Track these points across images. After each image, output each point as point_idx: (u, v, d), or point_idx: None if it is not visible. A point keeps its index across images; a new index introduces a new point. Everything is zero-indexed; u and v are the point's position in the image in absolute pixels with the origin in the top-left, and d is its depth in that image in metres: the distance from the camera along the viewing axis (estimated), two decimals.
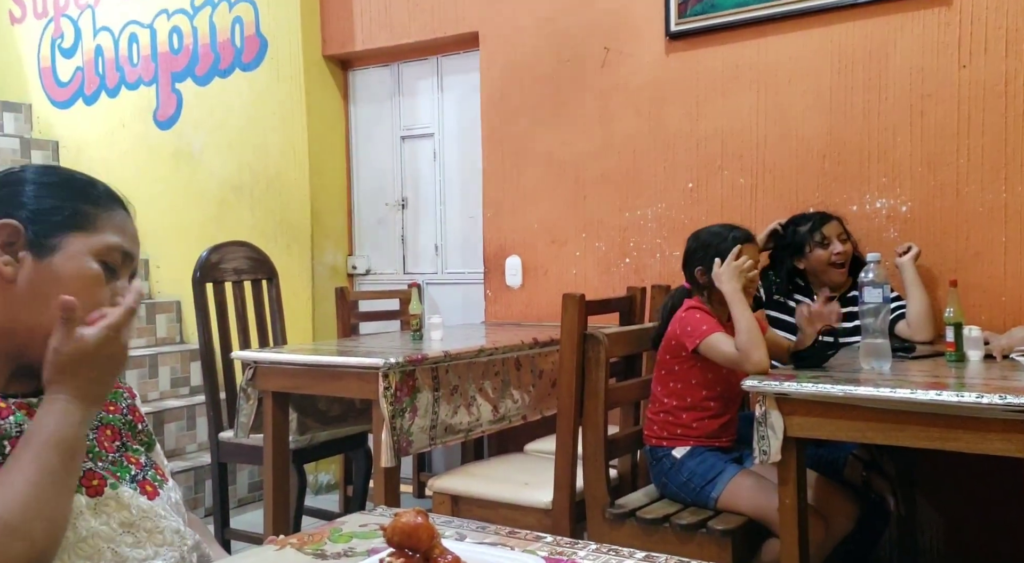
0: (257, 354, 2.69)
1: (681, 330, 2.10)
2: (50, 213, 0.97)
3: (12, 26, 4.58)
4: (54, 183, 1.00)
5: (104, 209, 1.00)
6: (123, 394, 1.11)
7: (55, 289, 0.94)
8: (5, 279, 0.94)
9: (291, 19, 3.74)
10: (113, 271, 0.99)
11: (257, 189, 3.90)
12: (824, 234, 2.55)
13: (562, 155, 3.33)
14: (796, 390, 1.75)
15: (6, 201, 0.97)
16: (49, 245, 0.95)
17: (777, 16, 2.83)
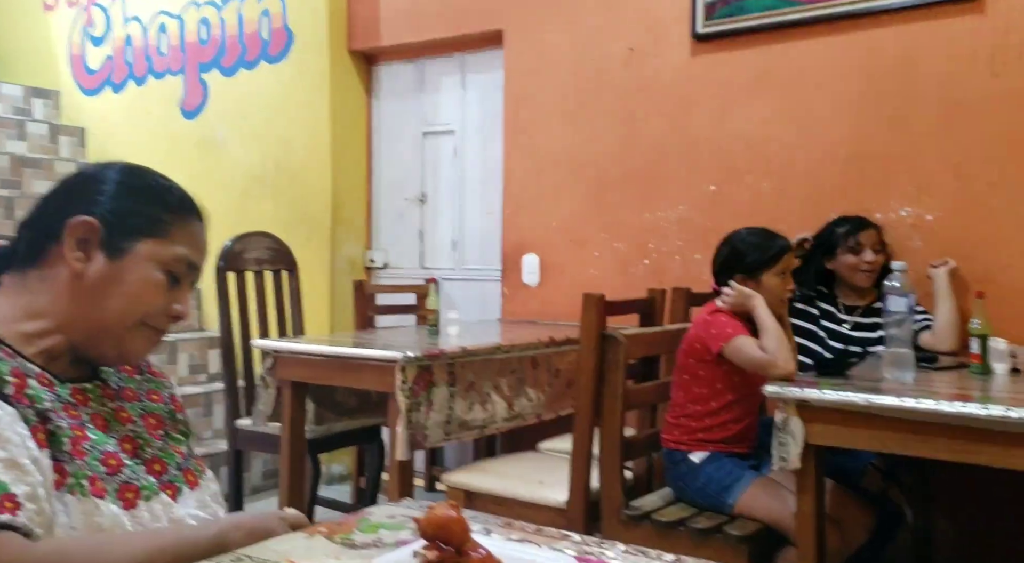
0: (278, 343, 2.72)
1: (706, 333, 2.09)
2: (127, 216, 0.99)
3: (44, 13, 4.63)
4: (135, 186, 1.02)
5: (179, 218, 1.02)
6: (164, 383, 1.13)
7: (117, 288, 0.97)
8: (75, 273, 0.97)
9: (318, 13, 3.75)
10: (176, 280, 1.02)
11: (279, 180, 3.92)
12: (859, 240, 2.53)
13: (583, 155, 3.32)
14: (818, 397, 1.74)
15: (87, 197, 1.00)
16: (121, 247, 0.98)
17: (805, 21, 2.82)
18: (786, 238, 2.19)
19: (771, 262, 2.11)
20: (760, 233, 2.19)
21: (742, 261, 2.13)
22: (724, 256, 2.19)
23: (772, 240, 2.15)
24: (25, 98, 4.44)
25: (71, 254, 0.97)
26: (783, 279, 2.15)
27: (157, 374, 1.14)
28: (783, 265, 2.13)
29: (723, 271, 2.18)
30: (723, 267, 2.18)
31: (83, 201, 0.99)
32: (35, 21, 4.67)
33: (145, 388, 1.09)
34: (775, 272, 2.12)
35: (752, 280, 2.12)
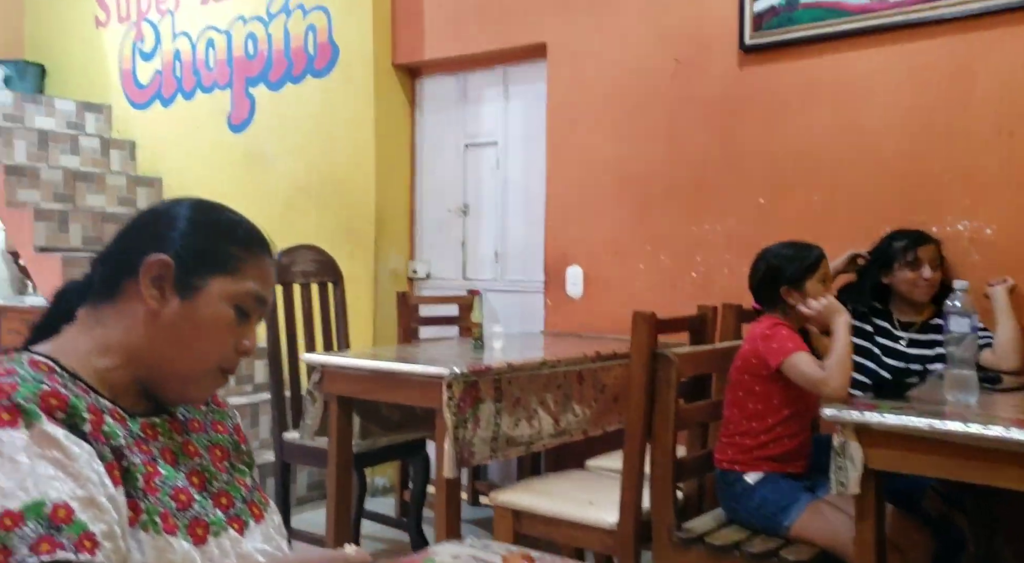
0: (326, 358, 2.74)
1: (765, 347, 2.07)
2: (199, 254, 1.00)
3: (97, 30, 4.74)
4: (206, 222, 1.03)
5: (250, 254, 1.02)
6: (228, 413, 1.14)
7: (191, 328, 0.98)
8: (150, 311, 0.98)
9: (363, 28, 3.79)
10: (246, 315, 1.02)
11: (324, 192, 3.96)
12: (917, 255, 2.47)
13: (628, 166, 3.30)
14: (878, 421, 1.69)
15: (161, 235, 1.01)
16: (193, 285, 0.99)
17: (856, 31, 2.76)
18: (818, 246, 2.21)
19: (812, 269, 2.13)
20: (792, 245, 2.21)
21: (783, 273, 2.14)
22: (762, 272, 2.20)
23: (807, 249, 2.18)
24: (78, 113, 4.55)
25: (147, 292, 0.97)
26: (825, 286, 2.16)
27: (222, 404, 1.14)
28: (823, 271, 2.15)
29: (764, 287, 2.19)
30: (763, 283, 2.19)
31: (156, 238, 1.00)
32: (87, 37, 4.78)
33: (210, 419, 1.10)
34: (817, 279, 2.14)
35: (796, 290, 2.13)
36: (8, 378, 0.86)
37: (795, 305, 2.12)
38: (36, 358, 0.93)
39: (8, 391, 0.84)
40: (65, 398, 0.87)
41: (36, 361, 0.93)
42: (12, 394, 0.84)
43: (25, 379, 0.87)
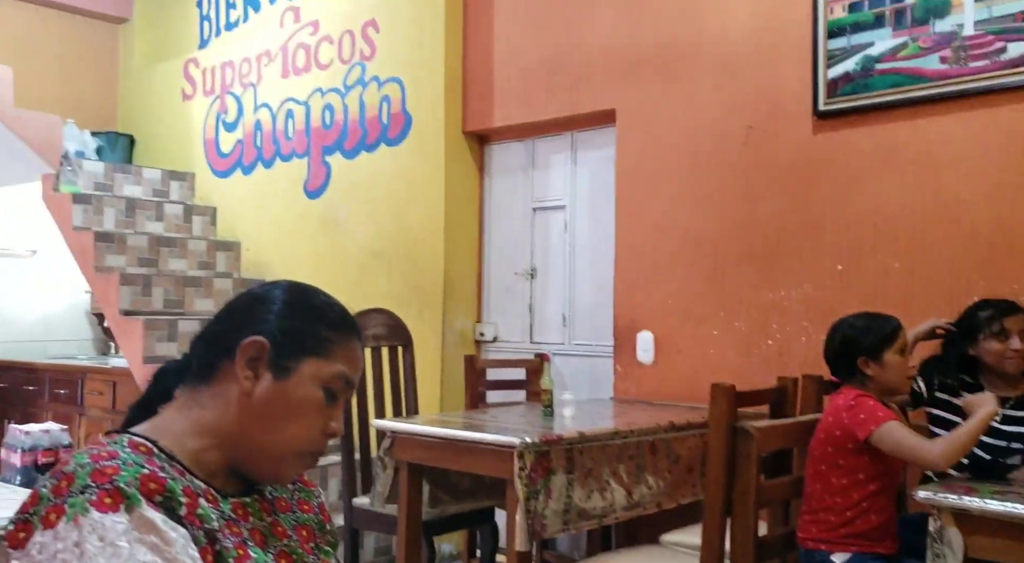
0: (396, 424, 2.74)
1: (851, 419, 2.04)
2: (293, 336, 1.02)
3: (183, 102, 5.01)
4: (300, 305, 1.05)
5: (340, 336, 1.04)
6: (314, 492, 1.15)
7: (282, 410, 1.00)
8: (244, 392, 1.00)
9: (435, 98, 3.90)
10: (334, 397, 1.04)
11: (395, 256, 4.03)
12: (1004, 326, 2.36)
13: (700, 231, 3.27)
14: (979, 507, 1.61)
15: (257, 317, 1.04)
16: (287, 367, 1.01)
17: (935, 97, 2.72)
18: (895, 317, 2.20)
19: (890, 340, 2.12)
20: (867, 316, 2.20)
21: (860, 344, 2.13)
22: (837, 344, 2.19)
23: (884, 319, 2.17)
24: (163, 180, 4.77)
25: (242, 373, 1.00)
26: (904, 357, 2.15)
27: (308, 483, 1.15)
28: (902, 342, 2.14)
29: (841, 358, 2.17)
30: (840, 355, 2.18)
31: (253, 320, 1.03)
32: (174, 109, 5.05)
33: (296, 498, 1.11)
34: (895, 349, 2.12)
35: (875, 361, 2.11)
36: (111, 461, 0.89)
37: (873, 376, 2.10)
38: (136, 439, 0.96)
39: (110, 475, 0.87)
40: (163, 481, 0.89)
41: (136, 443, 0.95)
42: (115, 478, 0.86)
43: (126, 462, 0.89)
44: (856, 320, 2.19)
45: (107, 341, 4.98)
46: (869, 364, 2.11)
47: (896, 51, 2.77)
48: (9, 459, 2.89)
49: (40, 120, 4.27)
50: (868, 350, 2.11)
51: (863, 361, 2.11)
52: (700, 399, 3.18)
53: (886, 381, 2.12)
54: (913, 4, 2.74)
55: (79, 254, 4.15)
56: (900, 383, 2.16)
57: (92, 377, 4.31)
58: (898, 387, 2.18)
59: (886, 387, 2.13)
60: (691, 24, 3.30)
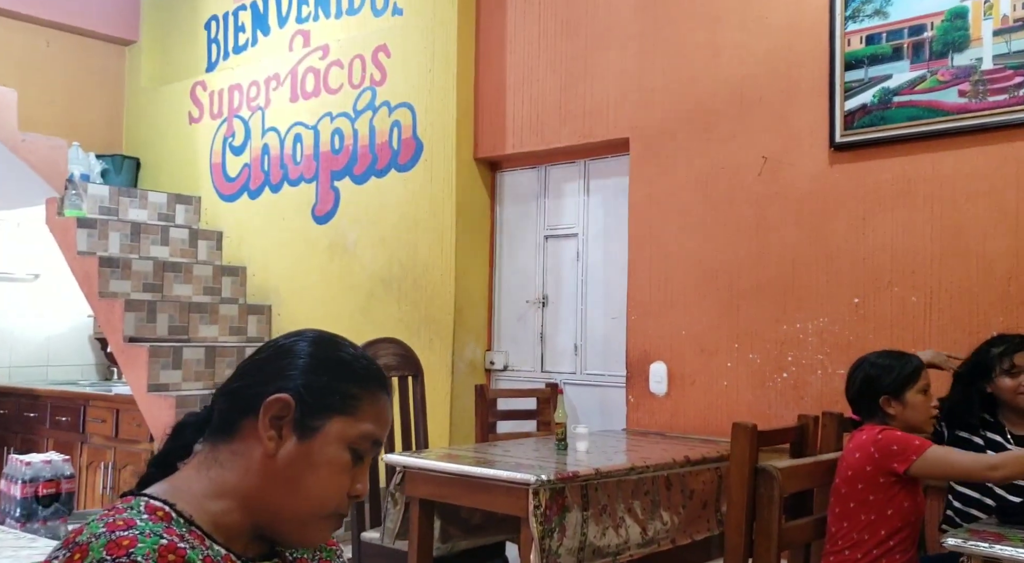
0: (408, 459, 2.69)
1: (883, 452, 2.02)
2: (319, 393, 0.97)
3: (190, 125, 4.99)
4: (326, 359, 1.01)
5: (368, 393, 1.00)
6: (336, 552, 1.11)
7: (307, 473, 0.95)
8: (267, 453, 0.95)
9: (447, 124, 3.88)
10: (360, 458, 0.99)
11: (404, 283, 4.00)
12: (1015, 362, 2.34)
13: (714, 262, 3.25)
14: (1011, 555, 1.57)
15: (281, 372, 0.99)
16: (312, 426, 0.96)
17: (953, 131, 2.70)
18: (917, 356, 2.21)
19: (912, 379, 2.12)
20: (889, 354, 2.20)
21: (881, 383, 2.13)
22: (859, 382, 2.18)
23: (905, 358, 2.18)
24: (169, 204, 4.74)
25: (265, 433, 0.95)
26: (927, 395, 2.14)
27: (331, 543, 1.11)
28: (924, 381, 2.14)
29: (863, 397, 2.17)
30: (862, 393, 2.17)
31: (277, 375, 0.98)
32: (181, 132, 5.03)
33: (317, 558, 1.08)
34: (918, 389, 2.12)
35: (897, 401, 2.11)
36: (127, 532, 0.85)
37: (896, 416, 2.10)
38: (154, 503, 0.92)
39: (127, 547, 0.83)
40: (183, 553, 0.85)
41: (154, 507, 0.91)
42: (132, 550, 0.83)
43: (144, 533, 0.85)
44: (878, 359, 2.18)
45: (110, 366, 4.93)
46: (891, 403, 2.11)
47: (914, 84, 2.76)
48: (9, 491, 2.83)
49: (45, 143, 4.24)
50: (890, 389, 2.11)
51: (885, 400, 2.12)
52: (714, 432, 3.15)
53: (908, 420, 2.12)
54: (931, 38, 2.73)
55: (83, 279, 4.10)
56: (923, 422, 2.15)
57: (94, 404, 4.25)
58: (921, 426, 2.15)
59: (908, 426, 2.11)
60: (707, 54, 3.29)
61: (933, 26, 2.73)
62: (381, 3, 4.22)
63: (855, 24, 2.87)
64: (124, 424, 4.09)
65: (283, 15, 4.66)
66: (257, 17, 4.79)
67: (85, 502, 4.11)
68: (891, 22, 2.80)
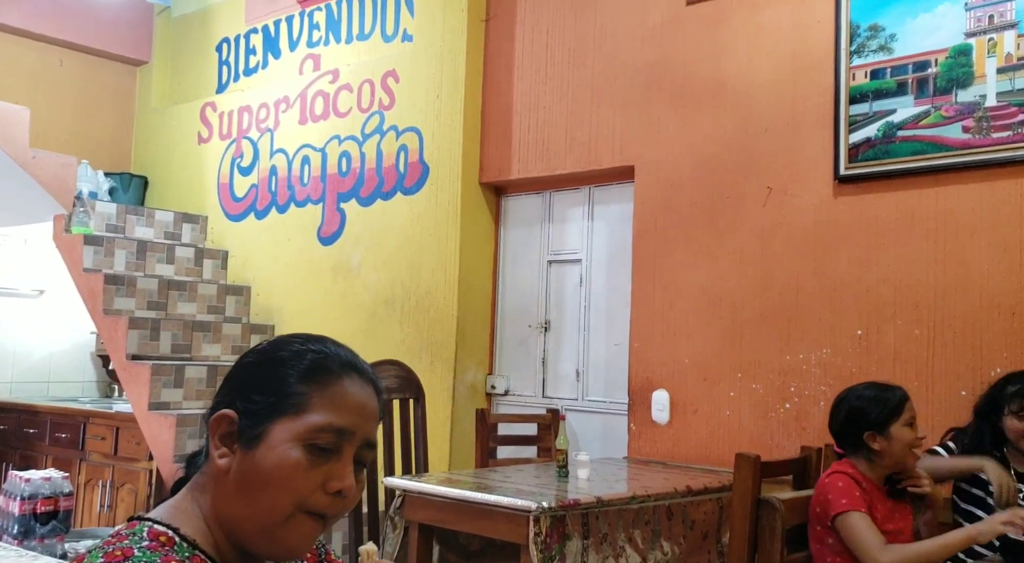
0: (407, 483, 2.69)
1: (825, 497, 2.04)
2: (257, 401, 0.94)
3: (199, 145, 5.03)
4: (264, 362, 0.97)
5: (317, 386, 0.93)
6: None
7: (256, 481, 0.91)
8: (222, 470, 0.93)
9: (453, 149, 3.91)
10: (326, 451, 0.92)
11: (407, 305, 4.01)
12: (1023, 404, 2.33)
13: (717, 290, 3.25)
14: None
15: (227, 387, 0.97)
16: (255, 435, 0.92)
17: (958, 166, 2.72)
18: (901, 387, 2.16)
19: (896, 413, 2.08)
20: (875, 386, 2.16)
21: (867, 418, 2.10)
22: (843, 416, 2.15)
23: (890, 391, 2.13)
24: (175, 223, 4.76)
25: (215, 452, 0.94)
26: (913, 428, 2.10)
27: (333, 561, 1.11)
28: (909, 414, 2.10)
29: (847, 432, 2.14)
30: (846, 428, 2.14)
31: (225, 391, 0.98)
32: (189, 152, 5.07)
33: None
34: (903, 422, 2.08)
35: (881, 436, 2.08)
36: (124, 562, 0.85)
37: (880, 451, 2.07)
38: (157, 528, 0.92)
39: None
40: None
41: (157, 532, 0.91)
42: None
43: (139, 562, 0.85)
44: (863, 390, 2.15)
45: (111, 384, 4.93)
46: (876, 438, 2.07)
47: (919, 119, 2.78)
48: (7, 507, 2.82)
49: (55, 160, 4.27)
50: (874, 424, 2.07)
51: (870, 436, 2.07)
52: (716, 461, 3.14)
53: (893, 455, 2.08)
54: (936, 74, 2.76)
55: (88, 296, 4.12)
56: (907, 456, 2.10)
57: (95, 421, 4.24)
58: (905, 460, 2.12)
59: (894, 460, 2.08)
60: (713, 85, 3.32)
61: (937, 62, 2.76)
62: (391, 29, 4.27)
63: (860, 59, 2.91)
64: (123, 442, 4.08)
65: (294, 39, 4.72)
66: (268, 40, 4.85)
67: (83, 520, 4.09)
68: (895, 58, 2.84)
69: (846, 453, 2.13)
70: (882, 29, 2.87)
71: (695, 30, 3.38)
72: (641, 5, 3.54)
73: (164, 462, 3.72)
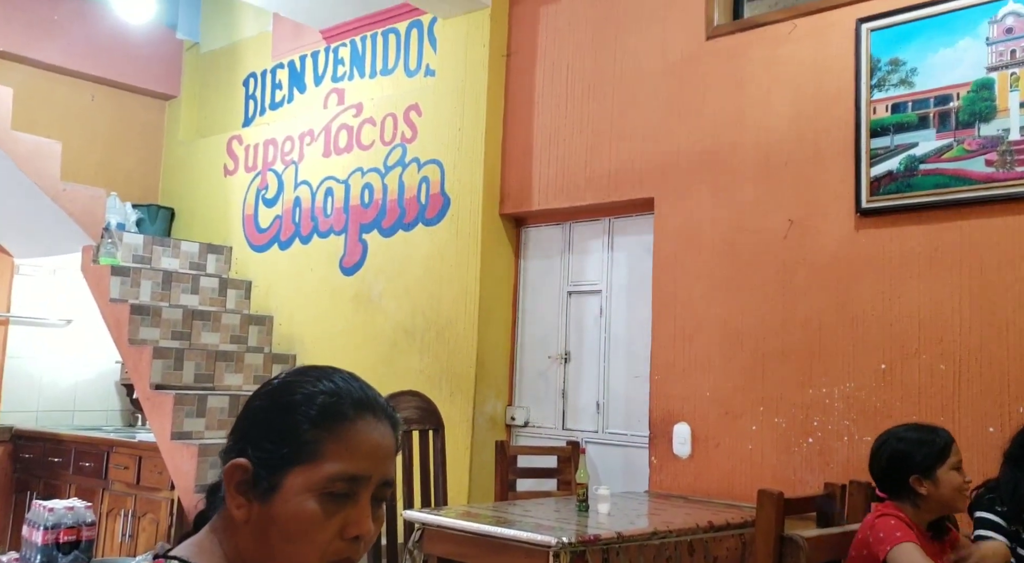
0: (426, 516, 2.68)
1: (874, 537, 1.98)
2: (270, 449, 0.92)
3: (225, 178, 5.11)
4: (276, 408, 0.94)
5: (329, 431, 0.91)
6: None
7: (276, 534, 0.90)
8: (240, 521, 0.92)
9: (474, 181, 3.95)
10: (344, 497, 0.91)
11: (428, 335, 4.02)
12: None
13: (739, 323, 3.24)
14: None
15: (239, 432, 0.96)
16: (270, 486, 0.91)
17: (983, 199, 2.70)
18: (945, 429, 2.10)
19: (942, 456, 2.03)
20: (917, 428, 2.11)
21: (911, 461, 2.04)
22: (886, 459, 2.09)
23: (934, 433, 2.07)
24: (200, 254, 4.83)
25: (232, 502, 0.92)
26: (960, 472, 2.05)
27: None
28: (956, 456, 2.04)
29: (891, 476, 2.07)
30: (889, 472, 2.08)
31: (238, 436, 0.95)
32: (216, 184, 5.15)
33: None
34: (950, 465, 2.03)
35: (928, 480, 2.02)
36: None
37: (927, 495, 2.01)
38: None
39: None
40: None
41: None
42: None
43: None
44: (906, 433, 2.09)
45: (134, 412, 4.97)
46: (922, 483, 2.02)
47: (941, 152, 2.78)
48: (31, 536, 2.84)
49: (85, 193, 4.36)
50: (920, 468, 2.02)
51: (916, 479, 2.02)
52: (738, 496, 3.10)
53: (941, 499, 2.03)
54: (958, 108, 2.76)
55: (114, 326, 4.17)
56: (955, 500, 2.05)
57: (118, 451, 4.27)
58: (953, 505, 2.07)
59: (941, 505, 2.03)
60: (733, 118, 3.34)
61: (959, 96, 2.76)
62: (415, 64, 4.35)
63: (881, 93, 2.91)
64: (146, 471, 4.11)
65: (319, 74, 4.81)
66: (294, 75, 4.95)
67: (104, 550, 4.11)
68: (917, 91, 2.84)
69: (890, 497, 2.08)
70: (903, 63, 2.88)
71: (715, 64, 3.41)
72: (661, 40, 3.57)
73: (186, 492, 3.74)
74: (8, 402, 4.71)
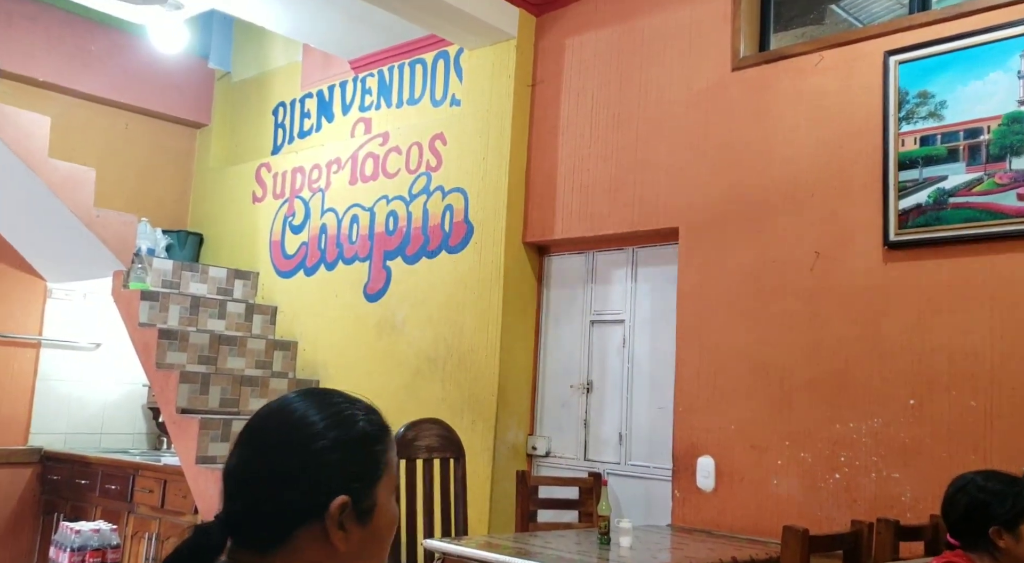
0: (447, 545, 2.66)
1: None
2: (362, 477, 1.00)
3: (253, 204, 5.19)
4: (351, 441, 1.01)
5: (385, 443, 1.04)
6: None
7: (377, 545, 1.01)
8: (340, 552, 0.98)
9: (498, 209, 3.97)
10: None
11: (450, 363, 4.02)
12: None
13: (764, 356, 3.20)
14: None
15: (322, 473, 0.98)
16: (368, 507, 1.00)
17: (1015, 234, 2.66)
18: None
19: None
20: (998, 477, 2.00)
21: (992, 511, 1.93)
22: (964, 508, 1.98)
23: (1017, 485, 1.96)
24: (228, 279, 4.88)
25: (336, 538, 0.97)
26: None
27: None
28: None
29: (969, 525, 1.96)
30: (968, 521, 1.97)
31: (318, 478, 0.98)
32: (244, 210, 5.23)
33: None
34: None
35: (1009, 533, 1.91)
36: None
37: (1007, 549, 1.90)
38: None
39: None
40: None
41: None
42: None
43: None
44: (986, 482, 1.99)
45: (160, 436, 5.01)
46: (1003, 536, 1.91)
47: (971, 186, 2.74)
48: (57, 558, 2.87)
49: (117, 219, 4.45)
50: (1002, 520, 1.91)
51: (996, 531, 1.91)
52: (763, 532, 3.05)
53: (1019, 554, 1.92)
54: (988, 141, 2.73)
55: (142, 350, 4.23)
56: None
57: (143, 474, 4.31)
58: None
59: (1018, 560, 1.92)
60: (759, 149, 3.33)
61: (990, 129, 2.73)
62: (440, 94, 4.40)
63: (909, 125, 2.89)
64: (171, 495, 4.13)
65: (347, 103, 4.89)
66: (322, 105, 5.03)
67: None
68: (946, 124, 2.81)
69: (963, 546, 1.98)
70: (932, 96, 2.86)
71: (740, 95, 3.41)
72: (686, 71, 3.58)
73: (209, 516, 3.74)
74: (38, 424, 4.77)
